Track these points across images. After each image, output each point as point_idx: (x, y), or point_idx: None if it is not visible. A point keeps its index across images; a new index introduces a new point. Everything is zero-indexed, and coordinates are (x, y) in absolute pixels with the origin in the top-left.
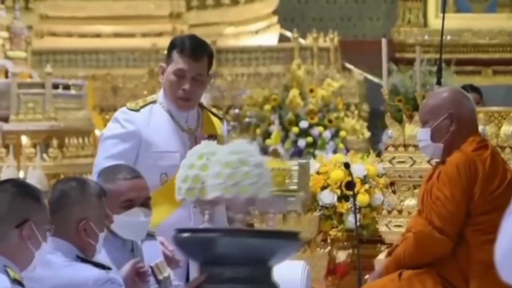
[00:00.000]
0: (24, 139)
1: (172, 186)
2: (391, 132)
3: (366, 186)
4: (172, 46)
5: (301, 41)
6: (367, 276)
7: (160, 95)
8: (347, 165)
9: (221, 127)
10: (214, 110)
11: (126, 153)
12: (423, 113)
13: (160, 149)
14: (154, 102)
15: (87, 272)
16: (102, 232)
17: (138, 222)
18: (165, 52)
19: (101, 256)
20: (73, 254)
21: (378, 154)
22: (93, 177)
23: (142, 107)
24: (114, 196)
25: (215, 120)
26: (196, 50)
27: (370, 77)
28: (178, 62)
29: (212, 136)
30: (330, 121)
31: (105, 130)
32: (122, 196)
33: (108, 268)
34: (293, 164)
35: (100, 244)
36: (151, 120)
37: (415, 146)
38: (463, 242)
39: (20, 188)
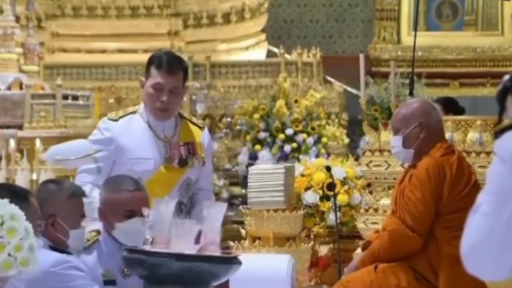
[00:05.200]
0: (38, 144)
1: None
2: (368, 138)
3: (346, 187)
4: (150, 62)
5: (287, 56)
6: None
7: (141, 106)
8: (328, 168)
9: (200, 136)
10: (194, 119)
11: (103, 158)
12: (395, 121)
13: (135, 155)
14: (134, 112)
15: (48, 256)
16: (73, 229)
17: (137, 230)
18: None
19: (91, 257)
20: (46, 245)
21: (356, 158)
22: (77, 177)
23: (122, 117)
24: (118, 205)
25: (194, 129)
26: (172, 66)
27: (349, 89)
28: (156, 77)
29: (189, 143)
30: (313, 128)
31: (90, 136)
32: (125, 206)
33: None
34: (280, 167)
35: (74, 240)
36: (128, 129)
37: (390, 151)
38: (433, 238)
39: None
